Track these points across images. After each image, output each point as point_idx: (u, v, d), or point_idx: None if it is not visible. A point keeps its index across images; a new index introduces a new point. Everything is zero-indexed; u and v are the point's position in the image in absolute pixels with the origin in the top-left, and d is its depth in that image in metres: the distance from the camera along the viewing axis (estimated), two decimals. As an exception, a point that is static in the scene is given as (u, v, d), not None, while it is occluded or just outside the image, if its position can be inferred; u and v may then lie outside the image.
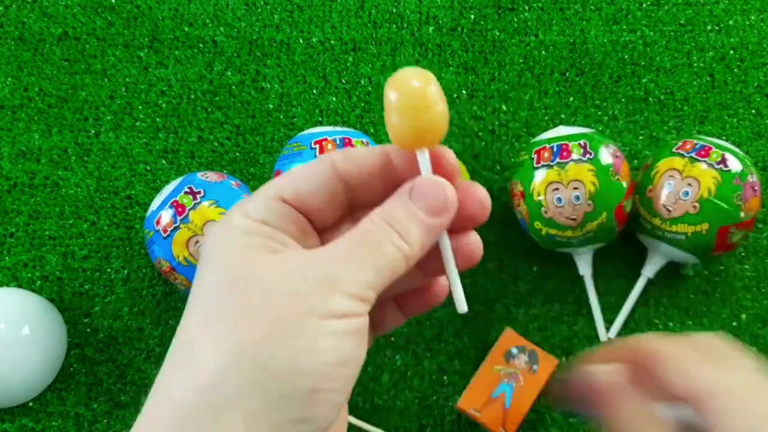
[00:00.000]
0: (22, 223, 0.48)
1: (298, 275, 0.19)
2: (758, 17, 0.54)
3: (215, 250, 0.19)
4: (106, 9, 0.54)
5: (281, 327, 0.18)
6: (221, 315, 0.18)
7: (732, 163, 0.42)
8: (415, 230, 0.20)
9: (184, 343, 0.18)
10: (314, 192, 0.21)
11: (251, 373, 0.17)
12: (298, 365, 0.17)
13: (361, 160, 0.22)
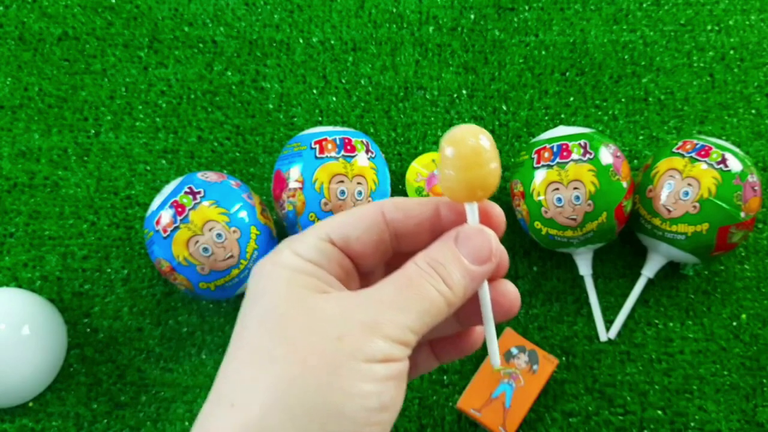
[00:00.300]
0: (22, 223, 0.48)
1: (342, 318, 0.19)
2: (758, 17, 0.54)
3: (262, 286, 0.20)
4: (105, 9, 0.54)
5: (324, 370, 0.18)
6: (266, 354, 0.18)
7: (732, 163, 0.41)
8: (459, 276, 0.21)
9: (228, 380, 0.19)
10: (362, 237, 0.22)
11: (293, 414, 0.17)
12: (339, 409, 0.18)
13: (410, 210, 0.22)
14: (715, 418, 0.44)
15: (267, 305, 0.19)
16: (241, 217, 0.40)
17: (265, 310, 0.19)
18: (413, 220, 0.22)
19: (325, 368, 0.18)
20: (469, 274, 0.21)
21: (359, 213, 0.22)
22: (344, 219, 0.22)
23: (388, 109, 0.52)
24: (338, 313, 0.19)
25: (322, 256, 0.21)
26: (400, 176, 0.50)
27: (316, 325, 0.19)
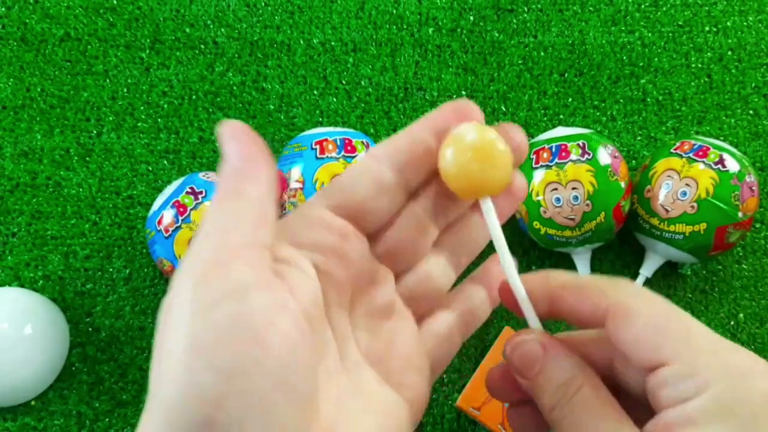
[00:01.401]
0: (24, 223, 0.48)
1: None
2: (756, 18, 0.55)
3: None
4: (107, 10, 0.54)
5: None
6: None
7: (730, 163, 0.42)
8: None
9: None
10: (358, 180, 0.20)
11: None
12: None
13: (395, 141, 0.21)
14: (713, 417, 0.44)
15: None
16: (242, 216, 0.41)
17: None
18: (404, 147, 0.20)
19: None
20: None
21: (350, 167, 0.21)
22: (335, 181, 0.21)
23: (388, 109, 0.52)
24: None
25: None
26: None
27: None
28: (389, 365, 0.21)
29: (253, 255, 0.17)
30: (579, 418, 0.19)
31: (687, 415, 0.17)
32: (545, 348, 0.20)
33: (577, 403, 0.19)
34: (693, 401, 0.17)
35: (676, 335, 0.18)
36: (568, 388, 0.19)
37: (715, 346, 0.18)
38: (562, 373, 0.19)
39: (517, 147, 0.21)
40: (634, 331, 0.18)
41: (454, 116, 0.20)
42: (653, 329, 0.18)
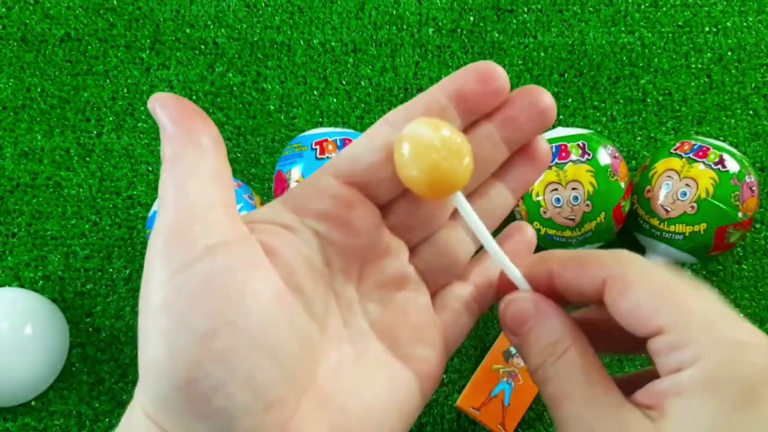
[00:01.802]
0: (25, 224, 0.48)
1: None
2: (756, 19, 0.55)
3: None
4: (107, 10, 0.54)
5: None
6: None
7: (730, 163, 0.42)
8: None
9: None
10: (369, 145, 0.19)
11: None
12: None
13: (410, 106, 0.20)
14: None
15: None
16: (242, 217, 0.41)
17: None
18: (418, 111, 0.20)
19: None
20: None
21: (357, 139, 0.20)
22: (346, 150, 0.20)
23: (388, 110, 0.52)
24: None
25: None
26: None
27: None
28: (398, 337, 0.20)
29: (217, 214, 0.17)
30: (562, 379, 0.19)
31: (677, 385, 0.17)
32: (537, 307, 0.20)
33: (562, 365, 0.19)
34: (684, 372, 0.17)
35: (671, 305, 0.17)
36: (555, 349, 0.19)
37: (713, 318, 0.17)
38: (551, 334, 0.19)
39: (544, 110, 0.20)
40: (629, 301, 0.18)
41: (475, 79, 0.19)
42: (649, 299, 0.18)
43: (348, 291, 0.20)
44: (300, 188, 0.20)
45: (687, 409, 0.17)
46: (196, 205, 0.17)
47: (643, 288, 0.18)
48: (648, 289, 0.18)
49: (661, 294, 0.18)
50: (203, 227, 0.17)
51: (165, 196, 0.17)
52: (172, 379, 0.16)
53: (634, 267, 0.19)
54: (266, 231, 0.19)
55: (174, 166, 0.17)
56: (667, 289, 0.18)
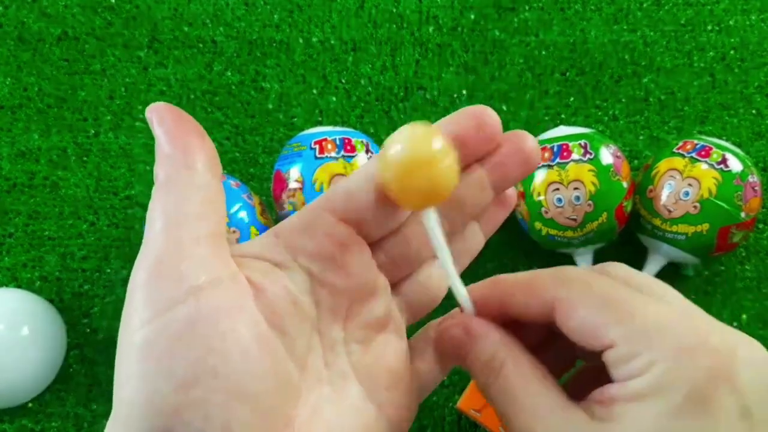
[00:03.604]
0: (21, 224, 0.48)
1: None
2: (759, 17, 0.54)
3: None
4: (105, 9, 0.54)
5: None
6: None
7: (732, 163, 0.41)
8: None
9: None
10: (364, 184, 0.19)
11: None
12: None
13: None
14: (716, 419, 0.44)
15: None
16: (240, 217, 0.40)
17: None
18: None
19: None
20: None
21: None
22: (341, 182, 0.20)
23: (388, 109, 0.52)
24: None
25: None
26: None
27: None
28: (377, 381, 0.20)
29: (206, 250, 0.17)
30: (505, 395, 0.19)
31: (630, 391, 0.17)
32: (467, 330, 0.21)
33: (502, 378, 0.19)
34: (637, 379, 0.17)
35: (618, 319, 0.18)
36: (493, 365, 0.20)
37: (661, 323, 0.18)
38: (484, 353, 0.20)
39: (530, 155, 0.20)
40: (577, 321, 0.18)
41: (474, 125, 0.19)
42: (595, 316, 0.18)
43: (333, 331, 0.20)
44: (295, 222, 0.19)
45: (635, 413, 0.17)
46: (184, 238, 0.17)
47: (588, 306, 0.18)
48: (593, 307, 0.18)
49: (607, 309, 0.18)
50: (190, 264, 0.16)
51: (153, 223, 0.17)
52: (149, 425, 0.15)
53: (576, 285, 0.19)
54: (255, 268, 0.18)
55: (166, 192, 0.17)
56: (612, 303, 0.18)
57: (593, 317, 0.18)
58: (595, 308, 0.18)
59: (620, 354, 0.18)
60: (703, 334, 0.17)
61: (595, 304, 0.18)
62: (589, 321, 0.18)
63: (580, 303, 0.19)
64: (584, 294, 0.19)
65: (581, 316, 0.18)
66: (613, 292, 0.19)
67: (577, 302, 0.19)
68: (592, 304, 0.18)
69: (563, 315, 0.19)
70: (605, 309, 0.18)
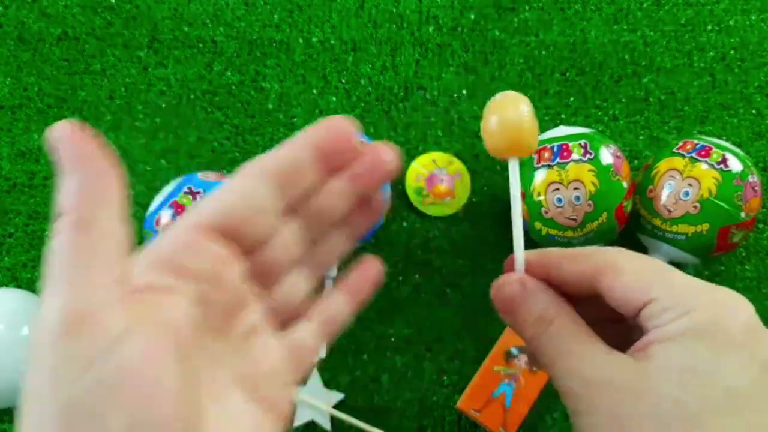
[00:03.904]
0: (22, 224, 0.48)
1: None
2: (759, 17, 0.54)
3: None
4: (105, 9, 0.54)
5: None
6: None
7: (732, 163, 0.41)
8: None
9: None
10: (238, 201, 0.20)
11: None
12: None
13: (276, 155, 0.21)
14: (716, 419, 0.44)
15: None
16: (240, 217, 0.40)
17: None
18: (285, 162, 0.21)
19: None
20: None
21: (227, 184, 0.20)
22: (213, 198, 0.20)
23: (388, 109, 0.52)
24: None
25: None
26: (399, 176, 0.50)
27: None
28: (256, 383, 0.21)
29: (116, 298, 0.16)
30: (554, 343, 0.22)
31: (665, 333, 0.20)
32: (524, 286, 0.23)
33: (553, 331, 0.22)
34: (673, 323, 0.20)
35: (660, 279, 0.21)
36: (544, 318, 0.22)
37: (699, 286, 0.20)
38: (538, 306, 0.23)
39: (388, 167, 0.22)
40: (623, 281, 0.21)
41: (334, 138, 0.21)
42: (640, 278, 0.21)
43: (216, 347, 0.20)
44: (169, 243, 0.19)
45: (670, 352, 0.19)
46: (94, 288, 0.16)
47: (634, 270, 0.21)
48: (638, 271, 0.21)
49: (651, 272, 0.21)
50: (103, 317, 0.15)
51: (60, 268, 0.16)
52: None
53: (621, 255, 0.22)
54: (152, 302, 0.18)
55: (76, 232, 0.16)
56: (654, 269, 0.21)
57: (638, 279, 0.21)
58: (640, 272, 0.21)
59: (661, 305, 0.20)
60: (734, 295, 0.20)
61: (639, 269, 0.21)
62: (634, 282, 0.21)
63: (626, 268, 0.21)
64: (629, 261, 0.22)
65: (627, 278, 0.21)
66: (653, 262, 0.21)
67: (623, 267, 0.21)
68: (637, 269, 0.21)
69: (610, 279, 0.21)
70: (649, 272, 0.21)
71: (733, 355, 0.19)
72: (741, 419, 0.19)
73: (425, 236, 0.48)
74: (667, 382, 0.19)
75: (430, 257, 0.48)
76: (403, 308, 0.46)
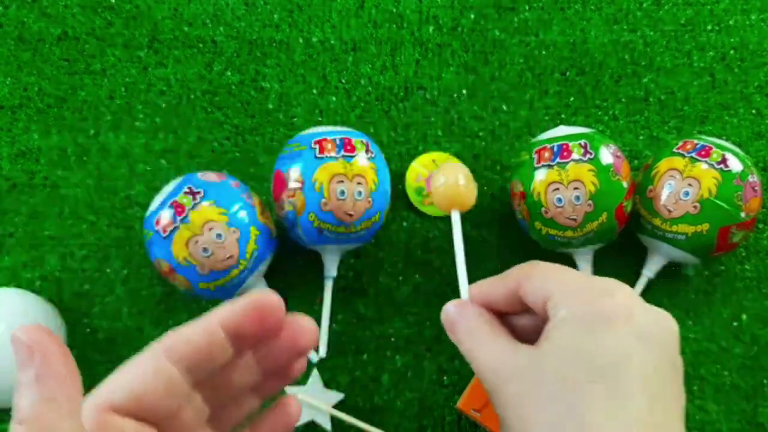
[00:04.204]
0: (22, 224, 0.48)
1: None
2: (758, 17, 0.54)
3: None
4: (105, 9, 0.54)
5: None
6: None
7: (732, 163, 0.41)
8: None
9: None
10: (150, 387, 0.21)
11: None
12: None
13: (191, 337, 0.21)
14: (716, 419, 0.44)
15: None
16: (240, 217, 0.40)
17: None
18: (199, 347, 0.21)
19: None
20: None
21: (137, 363, 0.21)
22: (123, 377, 0.21)
23: (388, 109, 0.52)
24: None
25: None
26: (399, 176, 0.50)
27: None
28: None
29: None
30: (475, 342, 0.28)
31: (556, 321, 0.25)
32: (459, 308, 0.30)
33: (475, 335, 0.28)
34: (562, 312, 0.25)
35: (556, 279, 0.26)
36: (471, 327, 0.29)
37: (587, 279, 0.26)
38: (469, 321, 0.29)
39: (304, 348, 0.24)
40: (531, 286, 0.27)
41: (256, 319, 0.22)
42: (542, 280, 0.27)
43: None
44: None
45: (558, 335, 0.25)
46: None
47: (538, 275, 0.27)
48: (540, 275, 0.27)
49: (550, 274, 0.27)
50: None
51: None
52: None
53: (532, 266, 0.28)
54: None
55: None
56: (554, 271, 0.27)
57: (541, 281, 0.27)
58: (541, 276, 0.27)
59: (554, 302, 0.26)
60: (607, 285, 0.26)
61: (541, 274, 0.27)
62: (538, 284, 0.27)
63: (532, 274, 0.27)
64: (536, 267, 0.28)
65: (534, 282, 0.27)
66: (552, 267, 0.28)
67: (531, 274, 0.28)
68: (540, 274, 0.27)
69: (523, 286, 0.27)
70: (548, 275, 0.27)
71: (608, 331, 0.24)
72: (615, 384, 0.22)
73: (425, 236, 0.48)
74: (554, 361, 0.24)
75: (430, 257, 0.48)
76: (403, 308, 0.47)
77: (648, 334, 0.24)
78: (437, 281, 0.47)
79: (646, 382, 0.23)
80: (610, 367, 0.23)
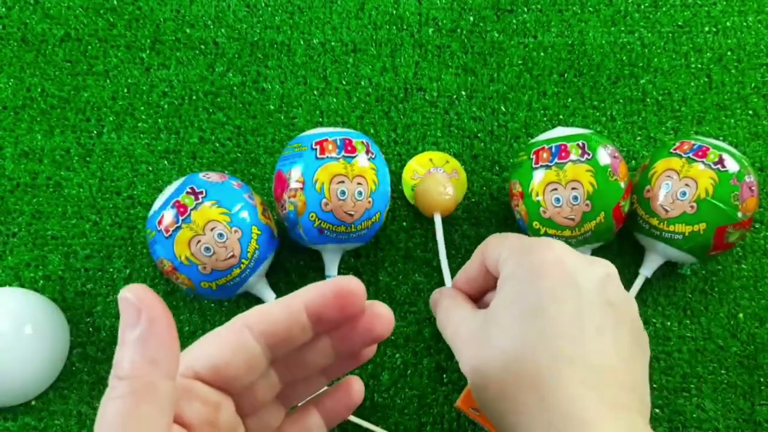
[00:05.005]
0: (25, 223, 0.48)
1: None
2: (755, 19, 0.55)
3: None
4: (108, 10, 0.54)
5: None
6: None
7: (729, 163, 0.42)
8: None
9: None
10: (232, 362, 0.21)
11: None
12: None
13: (275, 316, 0.22)
14: (713, 417, 0.44)
15: None
16: (242, 217, 0.41)
17: None
18: (281, 327, 0.22)
19: None
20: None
21: (221, 335, 0.22)
22: (206, 347, 0.21)
23: (388, 110, 0.52)
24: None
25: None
26: (399, 176, 0.50)
27: None
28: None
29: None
30: (444, 315, 0.34)
31: (503, 277, 0.30)
32: (441, 292, 0.37)
33: (447, 309, 0.34)
34: (507, 269, 0.30)
35: (505, 242, 0.31)
36: (445, 305, 0.34)
37: (528, 240, 0.31)
38: (443, 300, 0.35)
39: (377, 335, 0.24)
40: (488, 252, 0.32)
41: (337, 305, 0.22)
42: (494, 245, 0.32)
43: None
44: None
45: (504, 287, 0.29)
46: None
47: (492, 243, 0.33)
48: (494, 242, 0.32)
49: (500, 240, 0.32)
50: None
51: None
52: None
53: (491, 237, 0.33)
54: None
55: (131, 405, 0.17)
56: (504, 236, 0.32)
57: (493, 246, 0.32)
58: (495, 242, 0.32)
59: (503, 259, 0.30)
60: (548, 242, 0.30)
61: (495, 241, 0.32)
62: (492, 249, 0.32)
63: (489, 242, 0.33)
64: (492, 237, 0.33)
65: (489, 249, 0.32)
66: (504, 234, 0.33)
67: (488, 242, 0.33)
68: (494, 242, 0.32)
69: (486, 256, 0.32)
70: (499, 240, 0.32)
71: (544, 281, 0.27)
72: (552, 322, 0.26)
73: (425, 236, 0.49)
74: (501, 313, 0.28)
75: (430, 257, 0.48)
76: (403, 307, 0.47)
77: (581, 277, 0.28)
78: (437, 281, 0.48)
79: (579, 316, 0.26)
80: (546, 310, 0.27)
